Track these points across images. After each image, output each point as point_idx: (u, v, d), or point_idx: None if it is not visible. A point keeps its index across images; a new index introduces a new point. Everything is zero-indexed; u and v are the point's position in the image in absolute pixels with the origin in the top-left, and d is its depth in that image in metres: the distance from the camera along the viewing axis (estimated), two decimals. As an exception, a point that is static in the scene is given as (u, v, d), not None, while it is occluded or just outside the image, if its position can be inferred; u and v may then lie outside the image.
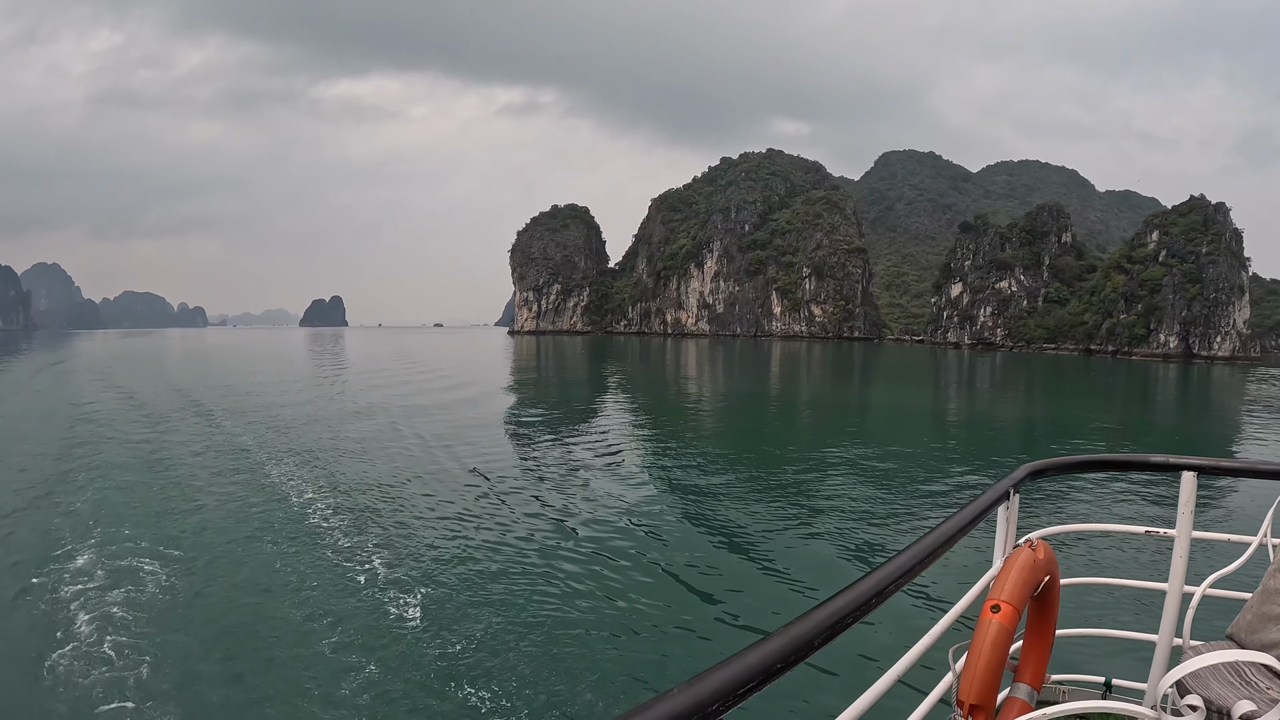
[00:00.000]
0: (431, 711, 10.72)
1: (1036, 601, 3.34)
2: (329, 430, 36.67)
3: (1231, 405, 64.62)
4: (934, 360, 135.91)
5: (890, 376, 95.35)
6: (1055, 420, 49.85)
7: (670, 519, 21.59)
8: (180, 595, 14.58)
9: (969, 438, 40.70)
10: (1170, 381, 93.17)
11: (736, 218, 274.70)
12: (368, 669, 11.68)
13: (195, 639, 12.76)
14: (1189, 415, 57.99)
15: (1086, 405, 61.12)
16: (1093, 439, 39.48)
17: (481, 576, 15.91)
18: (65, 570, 15.82)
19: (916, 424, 47.02)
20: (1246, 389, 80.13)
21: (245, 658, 12.19)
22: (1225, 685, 2.70)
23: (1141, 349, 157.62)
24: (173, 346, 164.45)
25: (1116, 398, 70.52)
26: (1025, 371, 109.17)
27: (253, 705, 10.77)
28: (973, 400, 66.04)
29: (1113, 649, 8.13)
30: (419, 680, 11.49)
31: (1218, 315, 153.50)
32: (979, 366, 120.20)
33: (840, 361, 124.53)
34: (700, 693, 1.28)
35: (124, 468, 26.87)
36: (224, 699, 10.98)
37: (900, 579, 2.09)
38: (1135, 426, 47.95)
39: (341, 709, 10.60)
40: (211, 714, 10.61)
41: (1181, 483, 3.56)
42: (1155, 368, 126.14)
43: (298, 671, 11.61)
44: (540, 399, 58.91)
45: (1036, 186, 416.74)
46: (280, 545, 17.99)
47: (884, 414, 53.74)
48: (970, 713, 2.61)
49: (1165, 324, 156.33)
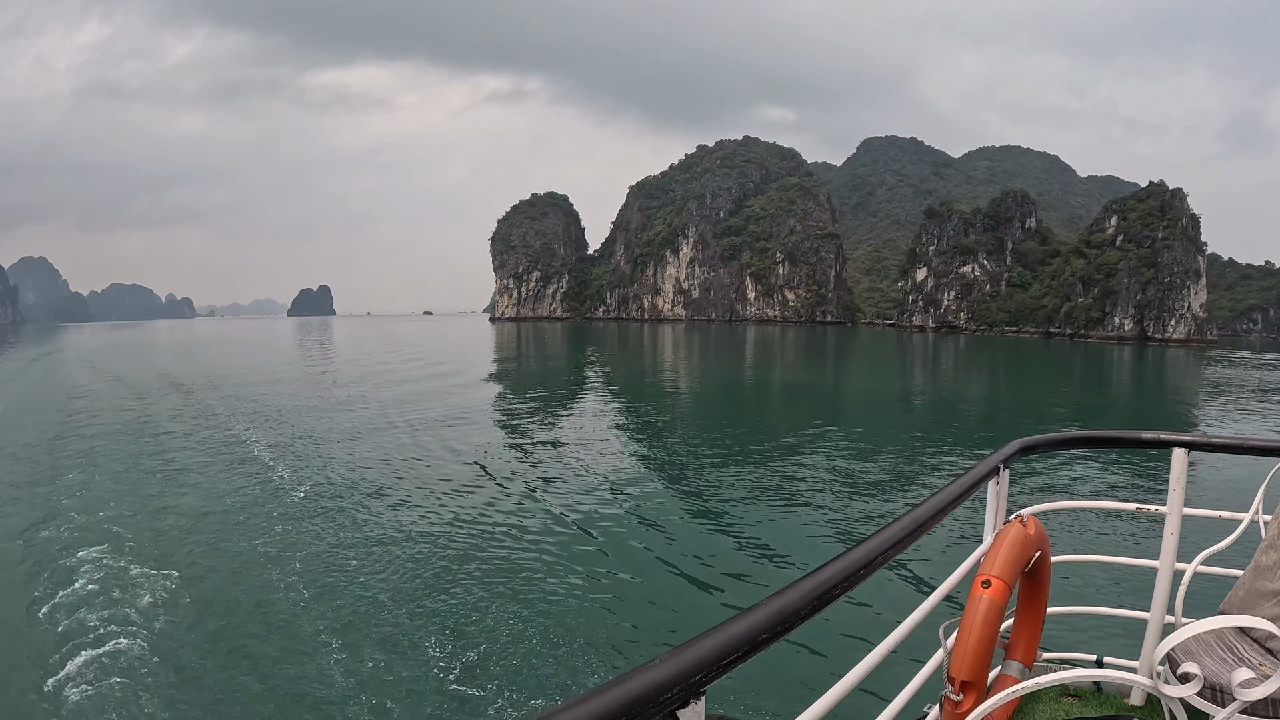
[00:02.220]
0: (419, 684, 10.79)
1: (1027, 578, 3.33)
2: (314, 417, 36.79)
3: (1178, 386, 65.84)
4: (898, 344, 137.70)
5: (850, 359, 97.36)
6: (1015, 401, 51.01)
7: (655, 496, 21.65)
8: (173, 581, 14.64)
9: (934, 420, 41.04)
10: (1121, 364, 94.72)
11: (711, 204, 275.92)
12: (361, 650, 11.77)
13: (186, 619, 12.96)
14: (1138, 395, 59.32)
15: (1040, 386, 62.59)
16: (1052, 420, 39.88)
17: (470, 554, 15.96)
18: (61, 557, 16.09)
19: (880, 405, 48.10)
20: (1192, 371, 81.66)
21: (236, 638, 12.32)
22: (1218, 661, 2.66)
23: (1098, 332, 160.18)
24: (160, 338, 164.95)
25: (1061, 378, 72.14)
26: (984, 355, 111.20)
27: (243, 686, 10.84)
28: (934, 381, 67.29)
29: (1103, 630, 8.72)
30: (405, 653, 11.66)
31: (1172, 299, 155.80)
32: (941, 349, 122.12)
33: (811, 345, 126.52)
34: (684, 662, 1.25)
35: (117, 453, 27.49)
36: (213, 677, 11.07)
37: (890, 550, 2.05)
38: (1093, 406, 48.64)
39: (335, 690, 10.65)
40: (199, 689, 10.75)
41: (1172, 459, 3.55)
42: (1110, 350, 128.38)
43: (291, 658, 11.63)
44: (523, 384, 58.78)
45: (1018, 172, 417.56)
46: (271, 525, 18.09)
47: (848, 395, 55.18)
48: (962, 689, 2.57)
49: (1120, 307, 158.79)
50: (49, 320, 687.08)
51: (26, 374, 70.56)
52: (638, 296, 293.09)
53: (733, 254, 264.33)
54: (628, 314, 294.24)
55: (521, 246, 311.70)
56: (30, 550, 16.91)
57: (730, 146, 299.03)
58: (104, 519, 19.09)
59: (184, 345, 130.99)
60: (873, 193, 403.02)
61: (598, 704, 1.07)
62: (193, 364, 76.06)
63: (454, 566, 15.28)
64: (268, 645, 12.13)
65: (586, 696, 1.09)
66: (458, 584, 14.37)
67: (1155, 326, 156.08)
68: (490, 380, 60.16)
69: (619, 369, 74.85)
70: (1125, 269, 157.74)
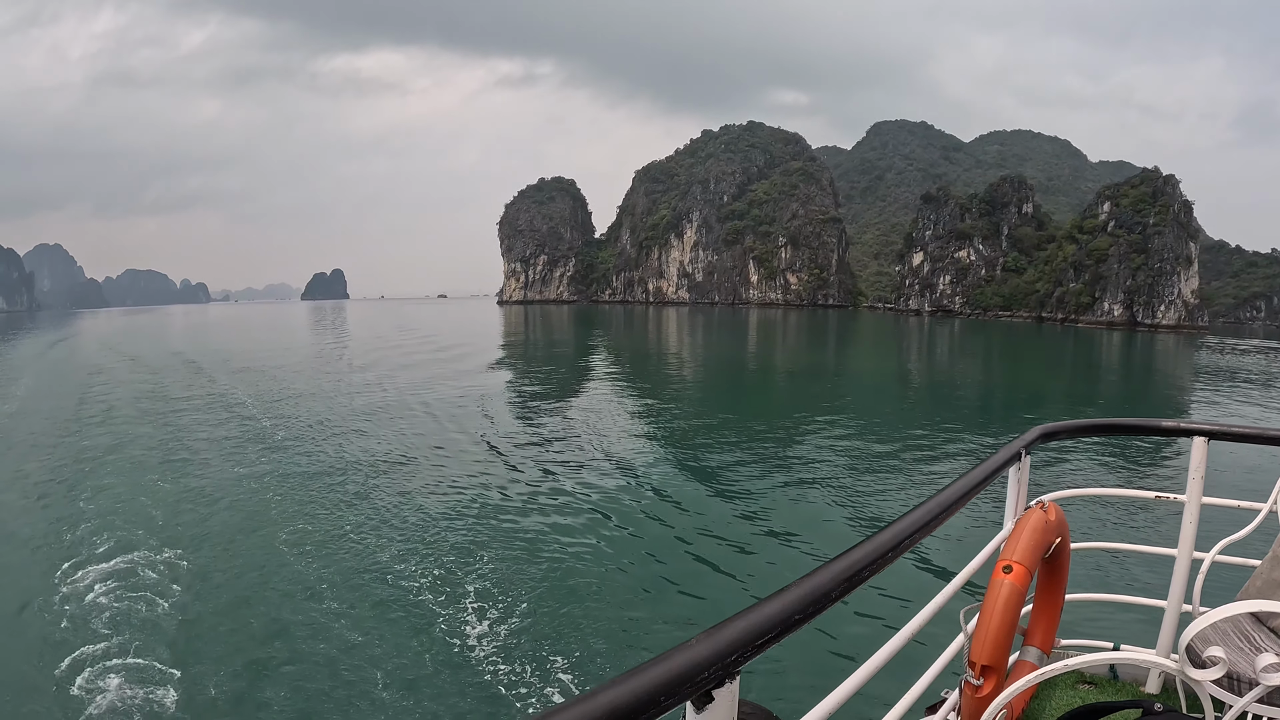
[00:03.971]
0: (451, 664, 11.02)
1: (1047, 564, 3.37)
2: (330, 400, 37.52)
3: (1158, 371, 67.30)
4: (893, 328, 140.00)
5: (844, 344, 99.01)
6: (1009, 386, 52.06)
7: (676, 480, 21.85)
8: (192, 564, 14.91)
9: (929, 403, 41.79)
10: (1108, 349, 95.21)
11: (715, 189, 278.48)
12: (381, 634, 11.88)
13: (207, 604, 13.19)
14: (1126, 381, 59.82)
15: (1031, 372, 62.95)
16: (1047, 404, 40.81)
17: (494, 540, 16.10)
18: (82, 535, 16.58)
19: (877, 388, 49.11)
20: (1174, 357, 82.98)
21: (258, 622, 12.44)
22: (1236, 651, 2.64)
23: (1087, 316, 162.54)
24: (175, 323, 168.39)
25: (1050, 364, 71.98)
26: (976, 339, 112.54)
27: (271, 670, 10.93)
28: (928, 366, 67.84)
29: (1119, 619, 8.87)
30: (436, 632, 11.90)
31: (1161, 285, 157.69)
32: (936, 333, 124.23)
33: (812, 329, 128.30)
34: (719, 643, 1.26)
35: (139, 434, 28.33)
36: (236, 655, 11.28)
37: (916, 534, 2.06)
38: (1080, 394, 48.86)
39: (358, 673, 10.78)
40: (221, 670, 10.94)
41: (1192, 448, 3.55)
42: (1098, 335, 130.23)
43: (311, 643, 11.74)
44: (535, 367, 59.62)
45: (1028, 156, 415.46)
46: (291, 511, 18.26)
47: (847, 378, 56.42)
48: (982, 674, 2.60)
49: (1110, 292, 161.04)
50: (65, 306, 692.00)
51: (49, 355, 75.68)
52: (643, 280, 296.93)
53: (736, 238, 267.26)
54: (633, 297, 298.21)
55: (529, 230, 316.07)
56: (52, 514, 18.12)
57: (735, 131, 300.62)
58: (122, 486, 20.22)
59: (199, 329, 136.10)
60: (881, 177, 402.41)
61: (639, 682, 1.10)
62: (207, 346, 79.88)
63: (479, 548, 15.39)
64: (287, 620, 12.41)
65: (627, 675, 1.11)
66: (484, 565, 14.50)
67: (1144, 312, 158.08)
68: (500, 363, 61.25)
69: (627, 352, 76.10)
70: (1116, 255, 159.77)
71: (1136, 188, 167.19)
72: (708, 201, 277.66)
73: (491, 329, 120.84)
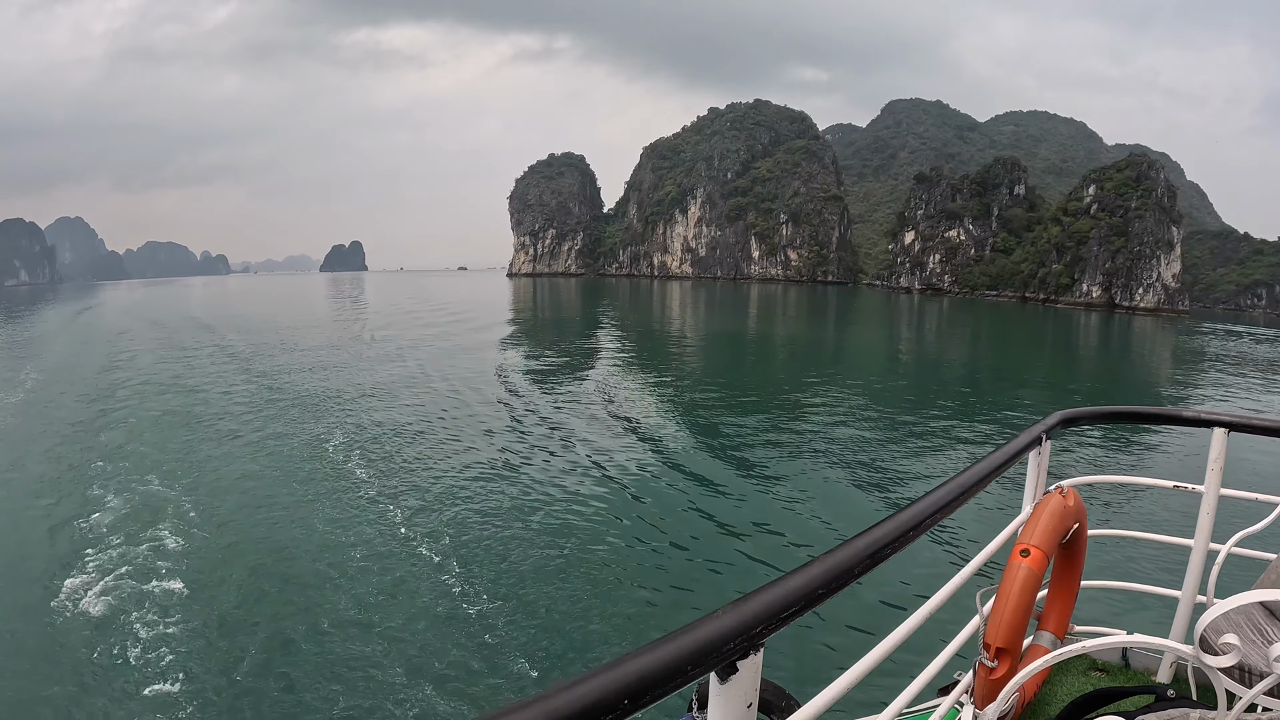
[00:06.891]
0: (476, 634, 10.99)
1: (1064, 550, 3.36)
2: (347, 372, 38.19)
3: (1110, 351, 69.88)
4: (885, 305, 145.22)
5: (840, 320, 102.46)
6: (993, 367, 53.61)
7: (693, 456, 21.96)
8: (211, 538, 15.11)
9: (911, 381, 42.83)
10: (1084, 329, 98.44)
11: (720, 166, 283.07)
12: (398, 614, 11.78)
13: (223, 575, 13.21)
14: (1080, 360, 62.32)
15: (1001, 350, 65.25)
16: (1023, 386, 42.22)
17: (512, 515, 16.11)
18: (101, 502, 17.27)
19: (868, 364, 50.63)
20: (1145, 337, 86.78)
21: (274, 595, 12.48)
22: (1248, 643, 2.63)
23: (1067, 298, 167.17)
24: (195, 294, 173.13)
25: (1026, 343, 74.93)
26: (965, 316, 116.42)
27: (285, 646, 10.91)
28: (917, 343, 70.31)
29: (1131, 608, 9.31)
30: (459, 602, 11.92)
31: (1140, 268, 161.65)
32: (925, 310, 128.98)
33: (811, 305, 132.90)
34: (745, 614, 1.29)
35: (162, 403, 29.28)
36: (251, 631, 11.25)
37: (937, 513, 2.07)
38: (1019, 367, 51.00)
39: (375, 650, 10.73)
40: (234, 646, 10.97)
41: (1212, 439, 3.53)
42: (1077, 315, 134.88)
43: (327, 617, 11.69)
44: (548, 339, 61.00)
45: (1043, 138, 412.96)
46: (306, 485, 18.46)
47: (837, 353, 59.40)
48: (997, 656, 2.61)
49: (1089, 274, 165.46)
50: (86, 278, 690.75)
51: (79, 320, 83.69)
52: (648, 254, 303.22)
53: (738, 214, 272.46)
54: (639, 271, 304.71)
55: (538, 205, 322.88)
56: (81, 473, 19.20)
57: (740, 109, 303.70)
58: (146, 451, 21.04)
59: (218, 299, 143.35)
60: (894, 155, 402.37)
61: (667, 650, 1.13)
62: (227, 315, 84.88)
63: (499, 528, 15.34)
64: (305, 595, 12.44)
65: (656, 643, 1.14)
66: (504, 542, 14.54)
67: (1123, 294, 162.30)
68: (517, 337, 62.96)
69: (635, 325, 77.90)
70: (1096, 237, 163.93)
71: (1121, 171, 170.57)
72: (712, 178, 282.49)
73: (502, 301, 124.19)
